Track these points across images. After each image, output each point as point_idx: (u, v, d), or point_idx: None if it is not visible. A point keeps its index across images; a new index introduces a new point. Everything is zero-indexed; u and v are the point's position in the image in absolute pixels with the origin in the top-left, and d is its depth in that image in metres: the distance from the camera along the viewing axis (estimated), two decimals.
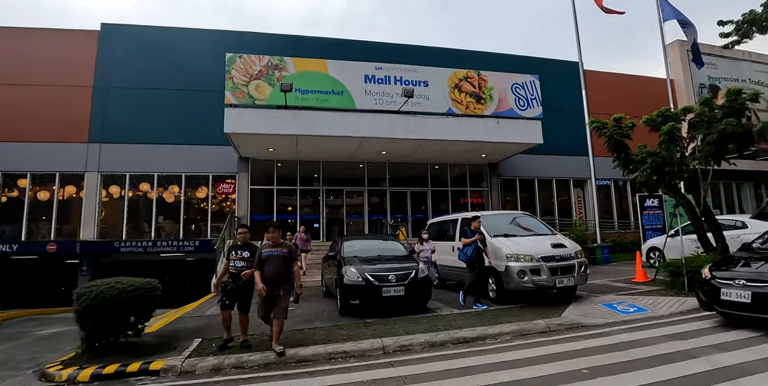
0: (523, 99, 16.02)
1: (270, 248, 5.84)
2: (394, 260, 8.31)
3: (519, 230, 8.97)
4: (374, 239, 9.79)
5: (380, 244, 9.30)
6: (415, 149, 16.06)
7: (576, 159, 19.96)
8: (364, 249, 8.87)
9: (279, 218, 17.09)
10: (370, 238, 9.85)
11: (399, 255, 8.71)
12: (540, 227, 9.29)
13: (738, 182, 22.69)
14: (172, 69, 16.73)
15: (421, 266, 8.07)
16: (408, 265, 8.04)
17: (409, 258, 8.57)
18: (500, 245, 8.32)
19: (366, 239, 9.99)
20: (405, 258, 8.54)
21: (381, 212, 18.08)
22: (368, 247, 9.01)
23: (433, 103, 15.20)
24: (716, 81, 22.54)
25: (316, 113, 14.32)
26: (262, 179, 17.24)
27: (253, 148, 15.67)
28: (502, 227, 9.09)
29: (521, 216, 9.78)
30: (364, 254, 8.61)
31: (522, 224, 9.29)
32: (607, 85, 20.49)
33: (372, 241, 9.52)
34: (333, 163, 17.53)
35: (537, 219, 9.76)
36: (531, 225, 9.33)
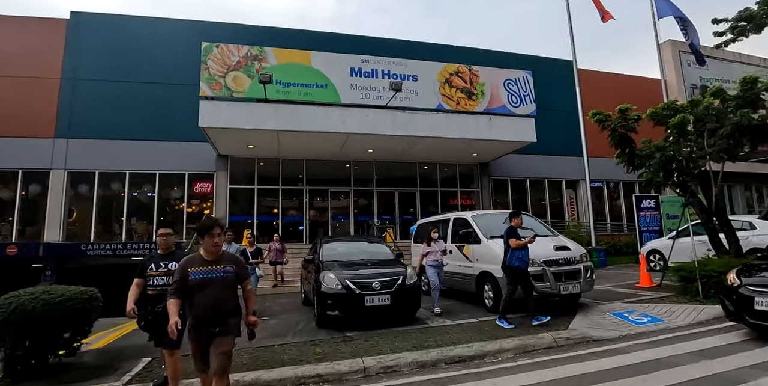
0: (516, 95, 15.18)
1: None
2: (379, 265, 7.31)
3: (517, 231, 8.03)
4: (358, 241, 8.78)
5: (364, 246, 8.29)
6: (404, 147, 15.10)
7: (568, 160, 19.20)
8: (345, 252, 7.85)
9: (260, 220, 16.01)
10: (354, 240, 8.86)
11: (385, 259, 7.71)
12: (539, 227, 8.37)
13: (729, 184, 22.10)
14: (147, 61, 15.57)
15: (409, 271, 7.08)
16: (394, 270, 7.03)
17: (396, 262, 7.57)
18: (497, 247, 7.37)
19: (348, 241, 8.99)
20: (391, 262, 7.54)
21: (368, 213, 17.07)
22: (351, 250, 8.00)
23: (422, 98, 14.28)
24: (707, 82, 21.95)
25: (299, 107, 13.30)
26: (243, 179, 16.12)
27: (231, 145, 14.57)
28: (498, 228, 8.11)
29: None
30: (346, 258, 7.59)
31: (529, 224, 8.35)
32: (600, 85, 19.76)
33: (355, 243, 8.51)
34: (318, 162, 16.49)
35: (535, 219, 8.83)
36: (529, 226, 8.38)
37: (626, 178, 20.05)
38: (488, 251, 7.52)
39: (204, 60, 12.94)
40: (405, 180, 17.60)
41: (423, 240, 10.07)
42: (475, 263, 7.86)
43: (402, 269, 7.11)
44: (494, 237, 7.65)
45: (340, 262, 7.38)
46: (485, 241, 7.62)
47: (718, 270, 7.60)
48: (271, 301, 10.00)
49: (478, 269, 7.72)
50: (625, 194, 20.29)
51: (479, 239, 7.82)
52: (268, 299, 10.20)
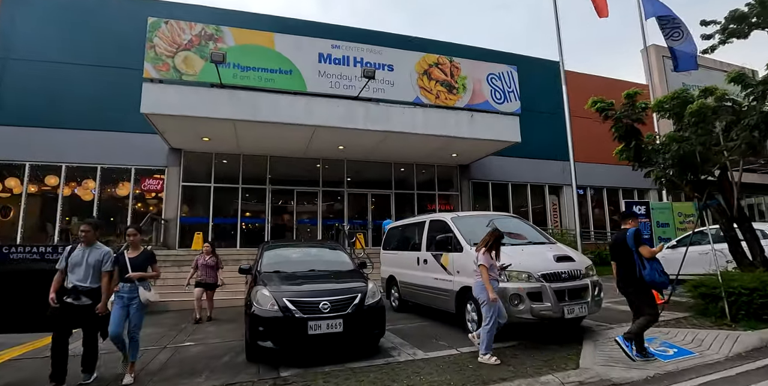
0: (500, 91, 13.70)
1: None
2: (333, 279, 5.55)
3: (506, 238, 6.38)
4: (311, 248, 6.94)
5: (318, 254, 6.52)
6: (376, 143, 13.41)
7: (552, 164, 17.84)
8: (292, 261, 6.09)
9: (217, 222, 14.04)
10: (305, 246, 7.01)
11: (342, 270, 5.94)
12: (533, 232, 6.75)
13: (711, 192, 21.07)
14: (90, 41, 13.54)
15: (370, 287, 5.33)
16: (352, 285, 5.28)
17: (355, 275, 5.80)
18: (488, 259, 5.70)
19: (299, 246, 7.13)
20: (349, 275, 5.77)
21: (338, 216, 15.28)
22: (299, 258, 6.24)
23: (398, 90, 12.65)
24: (691, 88, 20.98)
25: (259, 95, 11.49)
26: (198, 176, 14.13)
27: (183, 136, 12.64)
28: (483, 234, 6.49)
29: (506, 218, 7.22)
30: (291, 269, 5.81)
31: (509, 229, 6.71)
32: (584, 88, 18.38)
33: (307, 249, 6.69)
34: (283, 159, 14.66)
35: (527, 223, 7.21)
36: (521, 231, 6.77)
37: (610, 184, 18.82)
38: (472, 261, 5.83)
39: (150, 37, 11.04)
40: (379, 182, 15.90)
41: (396, 247, 8.39)
42: (455, 277, 6.16)
43: (362, 284, 5.36)
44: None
45: (282, 274, 5.59)
46: (468, 249, 5.94)
47: (748, 287, 6.11)
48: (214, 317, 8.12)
49: (459, 284, 6.03)
50: (609, 200, 19.01)
51: (461, 246, 6.13)
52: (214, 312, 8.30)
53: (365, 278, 5.61)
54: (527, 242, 6.27)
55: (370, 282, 5.46)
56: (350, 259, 6.37)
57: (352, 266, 6.17)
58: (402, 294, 7.92)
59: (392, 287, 8.36)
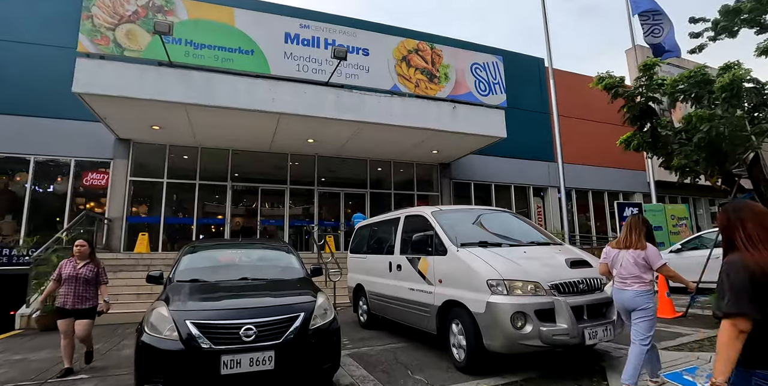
0: (485, 82, 12.38)
1: None
2: (268, 291, 3.94)
3: (502, 237, 4.90)
4: (249, 249, 5.24)
5: (257, 257, 4.91)
6: (350, 137, 11.89)
7: (536, 164, 16.60)
8: (219, 267, 4.49)
9: (169, 222, 12.25)
10: (243, 246, 5.24)
11: (284, 279, 4.35)
12: (532, 231, 5.28)
13: (695, 197, 20.23)
14: (23, 14, 11.70)
15: (320, 303, 3.75)
16: (292, 301, 3.69)
17: (302, 286, 4.20)
18: (474, 262, 4.19)
19: (232, 247, 5.37)
20: (294, 286, 4.18)
21: (307, 217, 13.66)
22: (231, 262, 4.62)
23: (374, 76, 11.19)
24: None
25: (214, 76, 9.85)
26: (149, 170, 12.33)
27: (129, 124, 10.87)
28: (473, 232, 4.99)
29: (497, 214, 5.74)
30: (215, 277, 4.20)
31: (504, 227, 5.24)
32: (569, 86, 17.35)
33: (244, 251, 5.03)
34: (247, 154, 12.98)
35: (523, 219, 5.73)
36: (519, 229, 5.30)
37: (595, 186, 17.68)
38: (460, 268, 4.32)
39: (87, 5, 9.33)
40: (354, 181, 14.34)
41: (365, 250, 6.83)
42: (437, 287, 4.63)
43: (308, 298, 3.77)
44: (468, 245, 4.48)
45: (198, 285, 3.97)
46: (454, 251, 4.43)
47: None
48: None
49: (442, 297, 4.50)
50: (594, 204, 17.85)
51: (444, 247, 4.61)
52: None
53: (315, 291, 4.02)
54: (528, 243, 4.79)
55: (321, 296, 3.88)
56: (300, 264, 4.77)
57: (301, 273, 4.58)
58: (371, 306, 6.35)
59: (360, 298, 6.79)
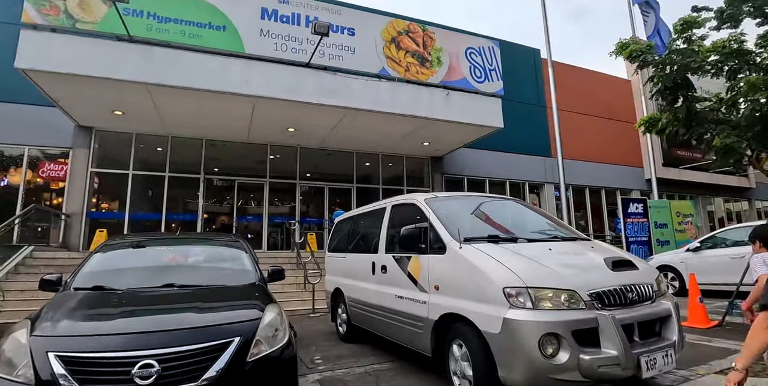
0: (480, 68, 11.30)
1: None
2: (193, 304, 2.72)
3: (515, 230, 3.76)
4: (187, 245, 3.92)
5: (197, 255, 3.69)
6: (334, 126, 10.72)
7: (532, 160, 15.56)
8: (139, 269, 3.27)
9: (135, 218, 10.94)
10: (180, 241, 4.00)
11: (225, 287, 3.15)
12: (550, 224, 4.13)
13: (691, 195, 19.36)
14: None
15: (268, 321, 2.57)
16: (224, 319, 2.48)
17: (249, 295, 3.00)
18: (484, 262, 3.03)
19: (165, 243, 4.00)
20: (235, 296, 2.99)
21: (288, 213, 12.45)
22: (158, 263, 3.42)
23: (360, 58, 10.04)
24: None
25: (181, 54, 8.62)
26: (113, 161, 11.05)
27: (88, 108, 9.58)
28: (478, 223, 3.85)
29: (503, 202, 4.57)
30: (128, 284, 2.99)
31: (515, 218, 4.10)
32: (566, 79, 16.34)
33: (180, 248, 3.77)
34: (223, 145, 11.74)
35: (535, 209, 4.59)
36: (533, 220, 4.17)
37: (592, 183, 16.68)
38: (464, 271, 3.16)
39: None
40: (339, 176, 13.16)
41: (345, 247, 5.66)
42: (433, 296, 3.47)
43: (250, 314, 2.57)
44: (474, 240, 3.33)
45: (98, 294, 2.78)
46: (455, 248, 3.28)
47: None
48: None
49: (439, 310, 3.34)
50: (591, 201, 16.85)
51: (442, 243, 3.45)
52: None
53: (266, 302, 2.83)
54: (551, 238, 3.66)
55: (271, 310, 2.69)
56: (253, 264, 3.56)
57: (253, 277, 3.38)
58: (351, 316, 5.17)
59: (339, 305, 5.60)
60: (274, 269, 3.65)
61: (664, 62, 5.37)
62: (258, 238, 11.81)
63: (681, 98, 5.33)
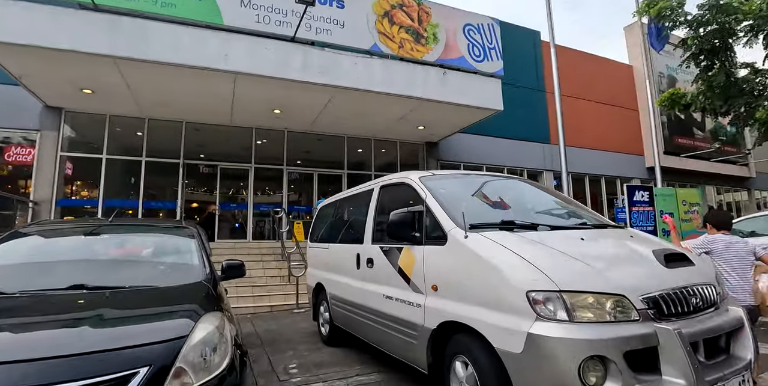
0: (479, 47, 10.45)
1: None
2: (97, 312, 1.90)
3: (533, 215, 2.99)
4: (119, 234, 3.04)
5: (130, 246, 2.89)
6: (323, 107, 9.87)
7: (531, 146, 14.79)
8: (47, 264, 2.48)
9: (109, 205, 10.08)
10: (110, 230, 2.99)
11: (154, 289, 2.33)
12: (571, 208, 3.35)
13: (692, 184, 18.72)
14: None
15: (199, 338, 1.80)
16: (133, 337, 1.71)
17: (183, 300, 2.21)
18: (499, 255, 2.26)
19: (90, 232, 2.91)
20: (164, 301, 2.17)
21: (274, 201, 11.63)
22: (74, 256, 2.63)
23: (350, 33, 9.17)
24: (674, 72, 18.55)
25: (152, 24, 7.70)
26: (86, 145, 10.18)
27: (53, 86, 8.66)
28: (486, 207, 3.06)
29: (513, 182, 3.74)
30: (23, 284, 2.19)
31: (528, 201, 3.32)
32: (566, 63, 15.48)
33: (108, 238, 2.90)
34: (205, 128, 10.84)
35: (552, 190, 3.82)
36: (550, 204, 3.38)
37: (592, 171, 15.95)
38: (471, 267, 2.39)
39: None
40: (330, 162, 12.35)
41: (327, 237, 4.87)
42: (430, 298, 2.70)
43: (177, 326, 1.80)
44: (482, 227, 2.55)
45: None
46: (458, 237, 2.50)
47: None
48: None
49: (438, 316, 2.56)
50: (592, 189, 16.15)
51: (442, 231, 2.66)
52: None
53: (202, 310, 2.04)
54: (578, 224, 2.89)
55: (207, 322, 1.89)
56: (202, 258, 2.75)
57: (197, 274, 2.57)
58: (333, 316, 4.40)
59: (321, 302, 4.83)
60: (230, 263, 2.86)
61: (699, 21, 4.59)
62: (243, 227, 11.01)
63: (717, 64, 4.58)
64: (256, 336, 5.18)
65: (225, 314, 2.15)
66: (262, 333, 5.38)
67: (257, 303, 7.25)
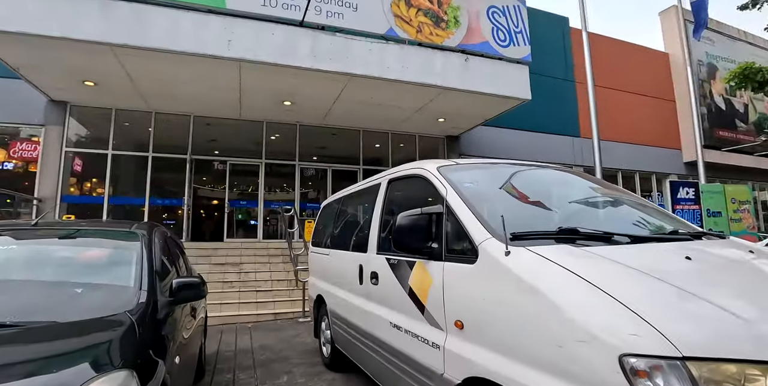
0: (504, 31, 9.48)
1: None
2: None
3: (598, 220, 2.13)
4: (32, 239, 2.20)
5: (35, 256, 2.11)
6: (336, 98, 9.10)
7: (559, 140, 13.68)
8: None
9: (114, 203, 9.60)
10: (26, 234, 2.22)
11: (27, 330, 1.52)
12: (647, 210, 2.46)
13: (734, 180, 17.18)
14: None
15: None
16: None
17: (69, 348, 1.44)
18: (571, 289, 1.40)
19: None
20: (36, 351, 1.39)
21: (287, 198, 10.95)
22: None
23: (364, 17, 8.36)
24: (714, 59, 17.02)
25: (150, 9, 7.05)
26: (91, 140, 9.71)
27: (54, 78, 8.15)
28: (531, 210, 2.21)
29: (562, 174, 2.83)
30: None
31: (588, 199, 2.46)
32: (597, 51, 14.31)
33: (13, 248, 2.17)
34: (214, 122, 10.22)
35: (608, 184, 2.91)
36: (618, 204, 2.51)
37: (625, 166, 14.71)
38: (517, 299, 1.55)
39: None
40: (344, 157, 11.59)
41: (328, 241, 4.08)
42: (452, 336, 1.86)
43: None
44: (530, 239, 1.71)
45: None
46: (494, 253, 1.66)
47: None
48: None
49: (463, 366, 1.74)
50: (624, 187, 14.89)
51: (471, 243, 1.83)
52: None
53: (99, 366, 1.28)
54: (668, 234, 2.00)
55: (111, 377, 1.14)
56: (141, 276, 1.96)
57: (126, 301, 1.77)
58: (335, 336, 3.61)
59: (322, 317, 4.05)
60: (182, 282, 2.07)
61: None
62: (253, 225, 10.37)
63: None
64: (250, 355, 4.44)
65: (158, 364, 1.37)
66: (258, 349, 4.64)
67: (260, 310, 6.54)
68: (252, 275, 7.66)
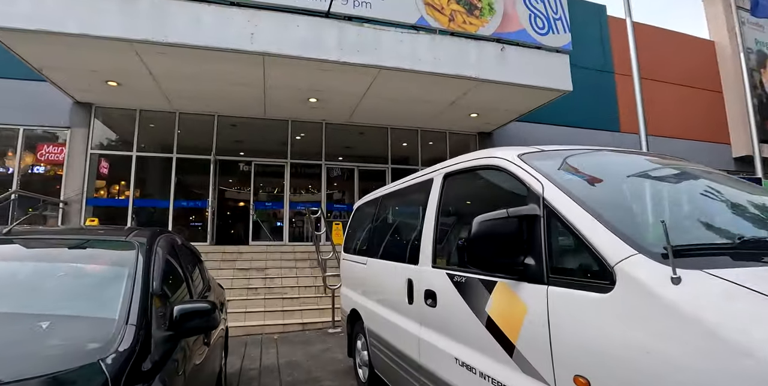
0: (543, 17, 8.75)
1: None
2: None
3: (760, 224, 1.50)
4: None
5: (6, 273, 1.66)
6: (363, 93, 8.57)
7: (597, 135, 12.67)
8: None
9: (139, 205, 9.33)
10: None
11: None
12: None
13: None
14: None
15: None
16: None
17: None
18: None
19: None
20: None
21: (313, 200, 10.47)
22: None
23: (393, 5, 7.79)
24: (764, 47, 15.68)
25: (170, 3, 6.68)
26: (116, 142, 9.49)
27: (77, 79, 7.91)
28: (685, 211, 1.58)
29: (695, 169, 2.17)
30: None
31: (736, 200, 1.81)
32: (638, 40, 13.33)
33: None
34: (238, 122, 9.86)
35: (741, 180, 2.25)
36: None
37: None
38: (701, 362, 0.93)
39: None
40: (372, 156, 11.05)
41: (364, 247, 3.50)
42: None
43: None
44: (695, 254, 1.10)
45: None
46: (648, 278, 1.05)
47: None
48: None
49: None
50: None
51: (599, 261, 1.21)
52: None
53: None
54: None
55: None
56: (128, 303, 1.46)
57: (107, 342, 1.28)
58: (374, 360, 3.03)
59: (357, 335, 3.48)
60: (184, 310, 1.54)
61: None
62: (279, 227, 9.94)
63: None
64: (276, 374, 3.92)
65: None
66: (285, 367, 4.11)
67: (287, 319, 6.03)
68: (278, 281, 7.18)
